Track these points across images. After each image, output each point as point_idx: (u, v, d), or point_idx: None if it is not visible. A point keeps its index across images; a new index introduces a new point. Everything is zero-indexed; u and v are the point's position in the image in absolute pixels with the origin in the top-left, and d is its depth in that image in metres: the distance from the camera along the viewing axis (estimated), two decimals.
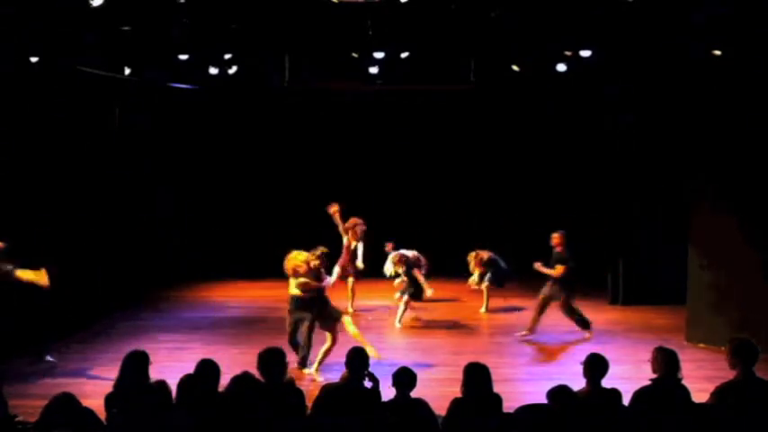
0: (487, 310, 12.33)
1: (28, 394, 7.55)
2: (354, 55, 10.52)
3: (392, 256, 11.60)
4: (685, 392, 5.60)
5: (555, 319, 10.76)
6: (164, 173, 14.53)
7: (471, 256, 12.25)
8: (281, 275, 8.95)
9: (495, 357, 9.33)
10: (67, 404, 4.84)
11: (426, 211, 15.44)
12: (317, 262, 8.81)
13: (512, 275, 12.33)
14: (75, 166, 11.71)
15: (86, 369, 8.86)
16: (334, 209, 11.81)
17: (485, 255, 12.17)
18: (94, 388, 7.57)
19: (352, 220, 11.77)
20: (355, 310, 11.86)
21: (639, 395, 5.59)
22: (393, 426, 5.27)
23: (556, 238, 10.42)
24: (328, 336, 8.82)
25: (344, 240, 11.79)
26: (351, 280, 12.05)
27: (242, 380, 5.54)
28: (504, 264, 12.24)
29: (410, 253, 11.47)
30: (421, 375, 5.69)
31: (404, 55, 10.46)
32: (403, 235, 13.01)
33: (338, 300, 10.23)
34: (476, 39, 10.10)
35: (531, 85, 12.53)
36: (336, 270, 10.21)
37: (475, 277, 12.37)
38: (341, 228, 11.79)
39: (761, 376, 5.65)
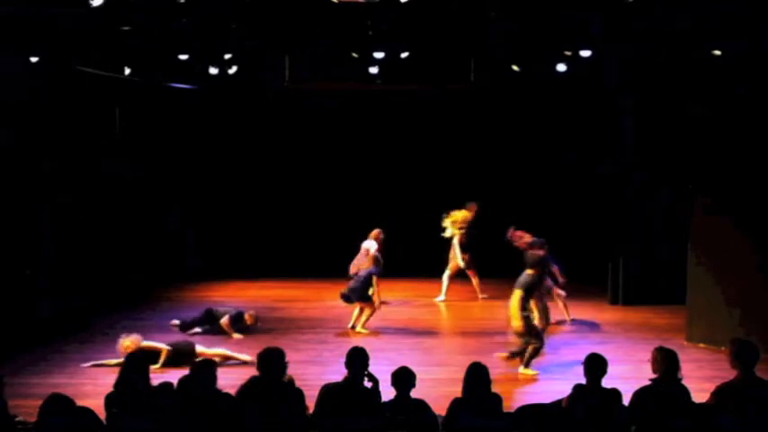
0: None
1: (28, 394, 7.54)
2: (354, 55, 10.51)
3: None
4: (685, 392, 5.61)
5: (555, 318, 10.76)
6: (163, 173, 14.51)
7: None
8: (280, 275, 8.94)
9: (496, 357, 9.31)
10: (60, 405, 4.82)
11: (426, 210, 15.42)
12: None
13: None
14: (73, 166, 11.71)
15: (86, 369, 8.87)
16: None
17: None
18: (94, 388, 7.58)
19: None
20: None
21: (639, 395, 5.59)
22: (393, 426, 5.27)
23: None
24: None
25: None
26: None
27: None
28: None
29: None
30: (421, 375, 5.69)
31: (404, 55, 10.46)
32: (402, 234, 13.04)
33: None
34: (476, 39, 10.10)
35: (531, 85, 12.52)
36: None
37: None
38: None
39: (761, 376, 5.66)
